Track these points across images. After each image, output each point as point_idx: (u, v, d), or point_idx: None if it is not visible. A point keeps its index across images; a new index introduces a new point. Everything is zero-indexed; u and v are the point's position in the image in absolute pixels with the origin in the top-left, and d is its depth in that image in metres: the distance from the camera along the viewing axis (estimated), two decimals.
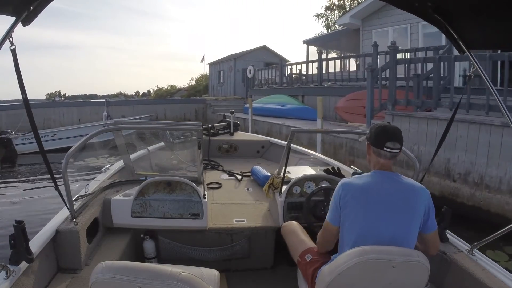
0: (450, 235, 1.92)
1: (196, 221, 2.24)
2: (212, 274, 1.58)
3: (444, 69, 7.32)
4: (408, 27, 10.33)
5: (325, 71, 12.48)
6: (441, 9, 1.49)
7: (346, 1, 22.53)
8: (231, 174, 3.58)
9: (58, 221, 1.92)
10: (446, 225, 1.87)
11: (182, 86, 29.91)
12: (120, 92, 37.43)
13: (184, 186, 2.24)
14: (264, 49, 23.16)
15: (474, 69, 1.72)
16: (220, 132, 4.69)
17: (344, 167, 3.17)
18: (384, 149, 1.43)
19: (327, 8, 23.82)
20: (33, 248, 1.56)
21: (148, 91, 32.38)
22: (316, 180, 2.42)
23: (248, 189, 3.16)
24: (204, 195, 2.28)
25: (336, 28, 20.89)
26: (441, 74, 7.05)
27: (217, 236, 2.34)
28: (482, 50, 5.38)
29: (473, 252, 1.72)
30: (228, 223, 2.38)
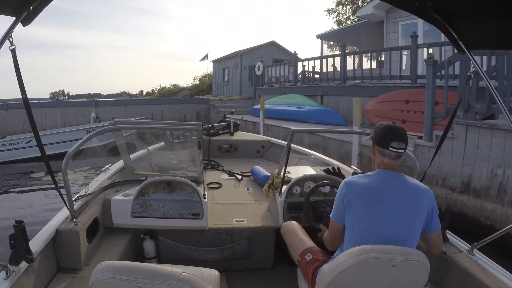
0: (450, 235, 1.92)
1: (196, 221, 2.24)
2: (212, 274, 1.58)
3: None
4: None
5: (350, 68, 10.80)
6: (441, 9, 1.49)
7: None
8: (231, 174, 3.58)
9: (58, 221, 1.92)
10: (446, 225, 1.87)
11: (185, 86, 29.23)
12: (124, 91, 37.04)
13: (184, 186, 2.24)
14: (273, 45, 21.09)
15: (474, 69, 1.72)
16: (220, 132, 4.70)
17: (344, 167, 3.17)
18: (389, 149, 1.44)
19: (339, 3, 22.80)
20: (33, 248, 1.56)
21: (152, 91, 31.68)
22: (316, 180, 2.41)
23: (248, 189, 3.16)
24: (204, 195, 2.28)
25: (348, 24, 19.38)
26: None
27: (217, 236, 2.34)
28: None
29: (473, 252, 1.72)
30: (228, 223, 2.38)
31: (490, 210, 4.15)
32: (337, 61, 11.16)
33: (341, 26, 20.45)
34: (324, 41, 14.78)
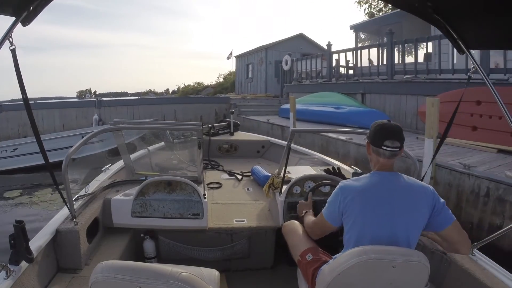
0: None
1: (196, 221, 2.24)
2: (212, 274, 1.58)
3: None
4: None
5: (398, 61, 8.97)
6: (441, 9, 1.49)
7: None
8: (231, 174, 3.59)
9: (58, 221, 1.92)
10: None
11: (209, 83, 28.29)
12: (150, 90, 36.59)
13: (184, 186, 2.24)
14: (301, 38, 18.94)
15: (474, 69, 1.72)
16: (220, 132, 4.70)
17: (344, 167, 3.17)
18: (383, 148, 1.41)
19: None
20: (33, 248, 1.56)
21: (178, 89, 30.95)
22: (316, 180, 2.41)
23: (248, 189, 3.16)
24: (204, 195, 2.28)
25: (382, 14, 16.67)
26: None
27: (217, 236, 2.34)
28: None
29: (473, 252, 1.72)
30: (228, 223, 2.38)
31: None
32: (374, 54, 9.53)
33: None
34: (359, 33, 12.60)
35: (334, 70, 11.14)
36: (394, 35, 8.91)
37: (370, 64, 9.80)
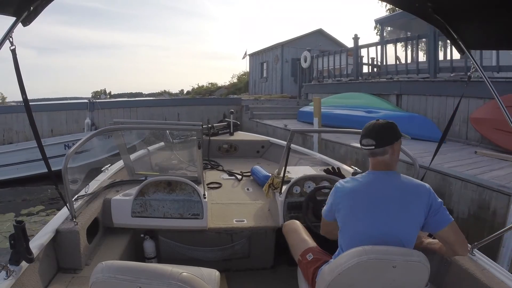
0: None
1: (196, 221, 2.24)
2: (212, 274, 1.58)
3: None
4: None
5: (445, 57, 7.74)
6: (441, 10, 1.49)
7: None
8: (231, 174, 3.59)
9: (58, 221, 1.92)
10: None
11: (223, 84, 26.82)
12: (165, 90, 35.91)
13: (184, 186, 2.24)
14: (319, 34, 17.33)
15: (474, 70, 1.72)
16: (220, 132, 4.71)
17: (344, 167, 3.17)
18: (361, 147, 1.45)
19: None
20: (33, 248, 1.56)
21: (193, 89, 29.92)
22: (316, 180, 2.41)
23: (248, 189, 3.16)
24: (204, 195, 2.28)
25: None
26: None
27: (217, 236, 2.34)
28: None
29: (473, 252, 1.71)
30: (228, 223, 2.38)
31: None
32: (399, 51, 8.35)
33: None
34: (385, 28, 11.08)
35: (366, 66, 9.62)
36: (426, 29, 7.49)
37: (397, 62, 8.58)
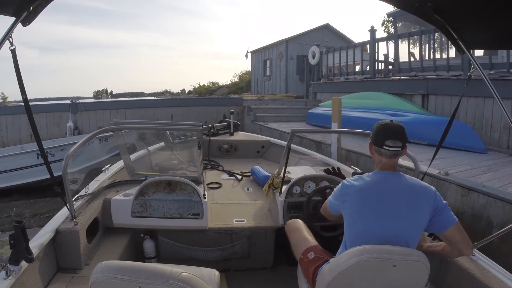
0: None
1: (196, 221, 2.24)
2: (212, 274, 1.58)
3: None
4: None
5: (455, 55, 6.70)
6: (441, 10, 1.49)
7: None
8: (231, 174, 3.59)
9: (58, 221, 1.92)
10: None
11: (224, 83, 25.92)
12: (166, 90, 35.58)
13: (184, 186, 2.24)
14: (326, 29, 16.22)
15: (474, 69, 1.72)
16: (220, 132, 4.71)
17: (344, 167, 3.17)
18: (384, 148, 1.42)
19: None
20: (33, 248, 1.56)
21: (194, 89, 29.10)
22: (316, 180, 2.41)
23: (248, 189, 3.16)
24: (204, 195, 2.28)
25: None
26: None
27: (217, 236, 2.34)
28: None
29: (473, 252, 1.71)
30: (228, 223, 2.38)
31: None
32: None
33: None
34: (398, 22, 10.20)
35: (384, 62, 8.54)
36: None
37: (411, 59, 7.68)
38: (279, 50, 16.26)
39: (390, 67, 8.77)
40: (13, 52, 1.35)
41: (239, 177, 3.47)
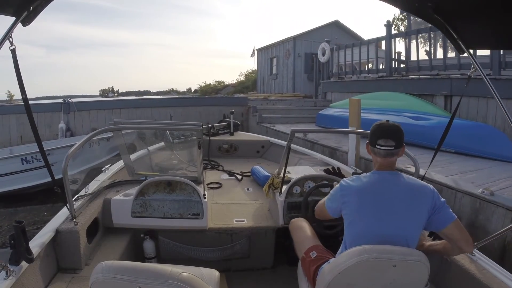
0: None
1: (196, 221, 2.24)
2: (212, 274, 1.58)
3: None
4: None
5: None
6: (441, 9, 1.49)
7: None
8: (231, 174, 3.59)
9: (58, 221, 1.92)
10: None
11: (230, 82, 25.83)
12: (172, 89, 35.56)
13: (184, 186, 2.24)
14: (335, 26, 15.55)
15: (474, 69, 1.72)
16: (220, 132, 4.71)
17: (344, 167, 3.17)
18: (377, 147, 1.43)
19: None
20: (33, 248, 1.56)
21: (200, 88, 28.96)
22: (316, 180, 2.41)
23: (248, 189, 3.16)
24: (204, 195, 2.28)
25: None
26: None
27: (217, 236, 2.34)
28: None
29: (473, 252, 1.72)
30: (228, 223, 2.38)
31: None
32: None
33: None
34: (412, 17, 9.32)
35: (400, 60, 7.89)
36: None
37: (429, 56, 7.10)
38: (286, 48, 15.58)
39: (405, 65, 8.02)
40: (13, 52, 1.35)
41: (239, 177, 3.47)
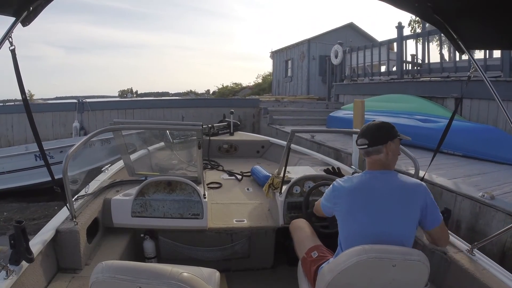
0: (450, 235, 1.91)
1: (196, 221, 2.24)
2: (212, 274, 1.58)
3: None
4: None
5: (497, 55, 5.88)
6: (441, 10, 1.49)
7: None
8: (231, 174, 3.59)
9: (58, 221, 1.92)
10: (446, 225, 1.87)
11: (248, 84, 25.76)
12: (191, 90, 35.25)
13: (184, 186, 2.24)
14: (350, 28, 15.60)
15: (474, 69, 1.72)
16: (220, 132, 4.71)
17: (344, 167, 3.17)
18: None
19: None
20: (33, 248, 1.56)
21: (218, 89, 28.71)
22: (316, 180, 2.41)
23: (248, 189, 3.16)
24: (204, 195, 2.28)
25: None
26: None
27: (217, 236, 2.34)
28: None
29: (473, 252, 1.72)
30: (228, 223, 2.38)
31: None
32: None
33: None
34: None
35: (415, 61, 7.89)
36: None
37: (442, 60, 7.08)
38: (301, 50, 15.64)
39: (419, 68, 8.03)
40: (13, 52, 1.35)
41: (239, 177, 3.47)
